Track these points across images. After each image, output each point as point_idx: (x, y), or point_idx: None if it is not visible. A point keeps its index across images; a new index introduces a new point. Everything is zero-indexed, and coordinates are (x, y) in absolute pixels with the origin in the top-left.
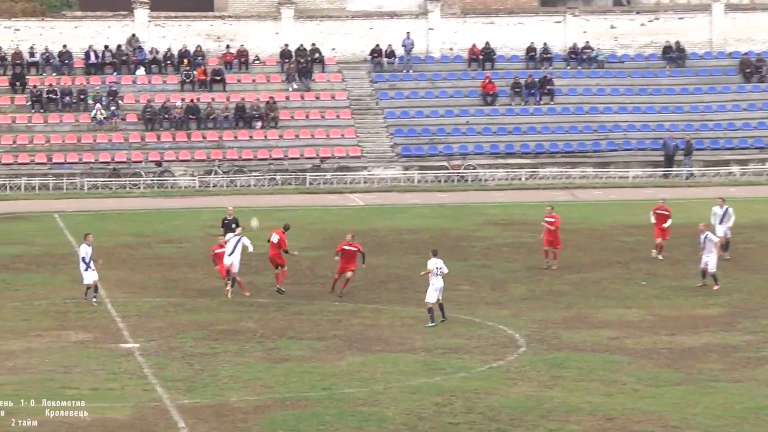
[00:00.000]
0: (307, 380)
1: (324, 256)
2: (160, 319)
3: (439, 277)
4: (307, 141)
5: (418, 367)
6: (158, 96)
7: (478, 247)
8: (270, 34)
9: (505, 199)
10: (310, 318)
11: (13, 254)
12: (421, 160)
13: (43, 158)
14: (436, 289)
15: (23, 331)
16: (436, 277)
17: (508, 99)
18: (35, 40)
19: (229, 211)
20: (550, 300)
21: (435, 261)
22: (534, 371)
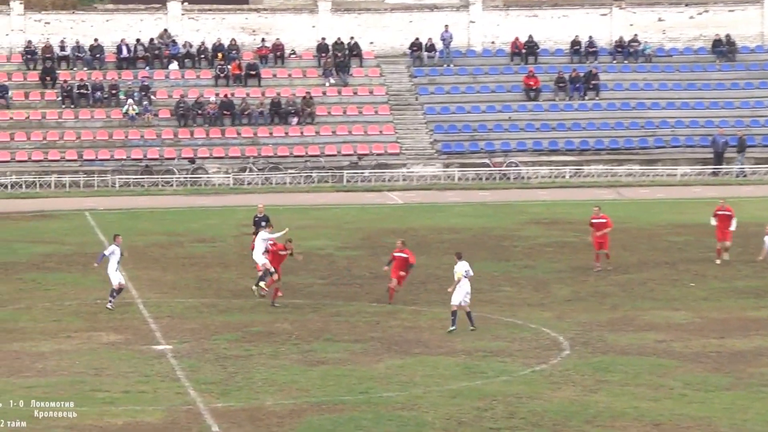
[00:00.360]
0: (344, 384)
1: (361, 256)
2: (193, 320)
3: (466, 280)
4: (344, 137)
5: (459, 371)
6: (191, 91)
7: (520, 246)
8: (306, 28)
9: (548, 198)
10: (347, 319)
11: (43, 253)
12: (461, 157)
13: (73, 155)
14: (465, 292)
15: (53, 332)
16: (465, 280)
17: (551, 94)
18: (66, 34)
19: (259, 208)
20: (595, 301)
21: (462, 264)
22: (578, 375)
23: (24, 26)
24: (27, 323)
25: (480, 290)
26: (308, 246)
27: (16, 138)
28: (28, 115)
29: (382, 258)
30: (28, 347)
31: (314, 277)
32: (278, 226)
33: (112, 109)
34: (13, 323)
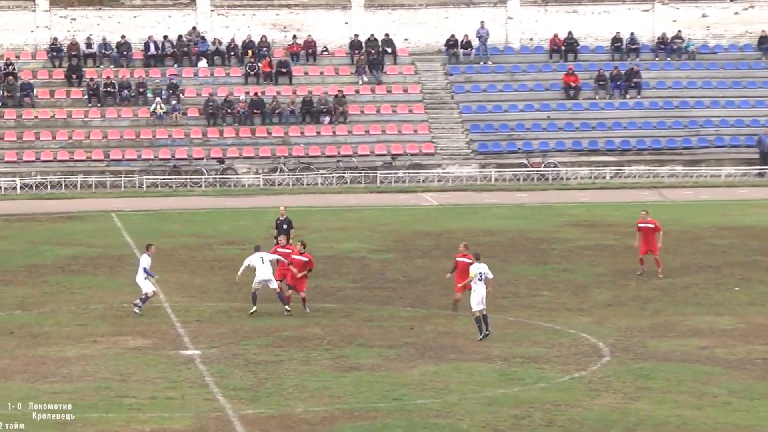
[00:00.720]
0: (377, 390)
1: (395, 259)
2: (222, 324)
3: (481, 284)
4: (377, 137)
5: (495, 377)
6: (221, 89)
7: (559, 249)
8: (339, 24)
9: (588, 199)
10: (380, 324)
11: (68, 255)
12: (498, 157)
13: (100, 155)
14: (481, 296)
15: (79, 336)
16: (479, 283)
17: (592, 92)
18: (92, 31)
19: (281, 211)
20: (636, 306)
21: (478, 266)
22: (619, 382)
23: (49, 23)
24: (52, 327)
25: (517, 294)
26: (340, 249)
27: (42, 137)
28: (53, 113)
29: (416, 261)
30: (53, 352)
31: (346, 281)
32: (309, 228)
33: (139, 107)
34: (37, 327)
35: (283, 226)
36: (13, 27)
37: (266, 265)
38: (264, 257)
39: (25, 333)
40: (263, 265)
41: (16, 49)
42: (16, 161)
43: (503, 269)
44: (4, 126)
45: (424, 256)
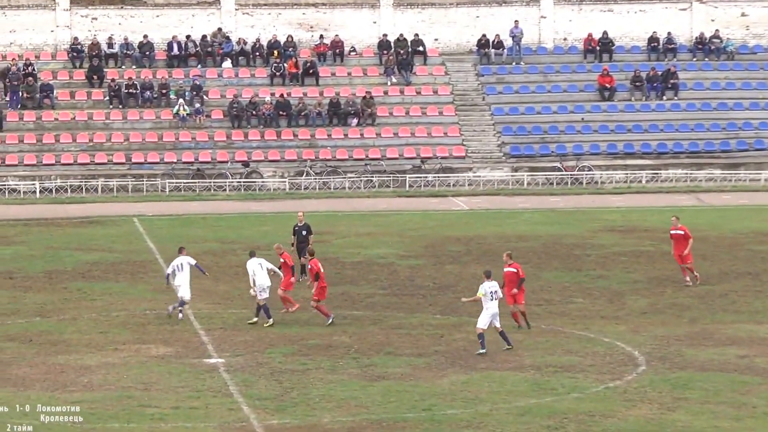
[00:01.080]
0: (406, 400)
1: (424, 265)
2: (246, 332)
3: (494, 302)
4: (406, 140)
5: (527, 387)
6: (246, 91)
7: (593, 255)
8: (367, 23)
9: (623, 204)
10: (409, 332)
11: (89, 261)
12: (531, 160)
13: (121, 158)
14: (492, 314)
15: (100, 344)
16: (492, 302)
17: (627, 94)
18: (114, 30)
19: (299, 217)
20: (673, 314)
21: (489, 284)
22: (655, 392)
23: (70, 22)
24: (72, 335)
25: (551, 302)
26: (368, 255)
27: (62, 140)
28: (73, 115)
29: (447, 267)
30: (73, 360)
31: (375, 288)
32: (336, 233)
33: (162, 109)
34: (57, 335)
35: (302, 232)
36: (32, 26)
37: (264, 272)
38: (262, 263)
39: (44, 340)
40: (262, 271)
41: (36, 49)
42: (36, 164)
43: (536, 276)
44: (23, 128)
45: (454, 262)
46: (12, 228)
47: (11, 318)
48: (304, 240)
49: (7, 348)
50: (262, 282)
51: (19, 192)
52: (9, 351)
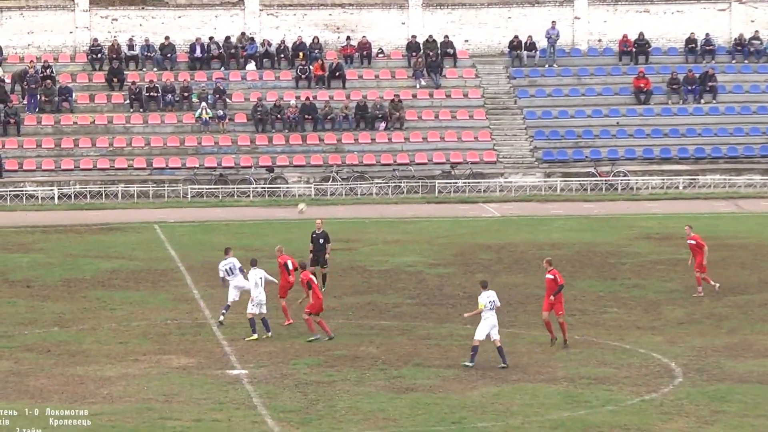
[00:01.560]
0: (435, 413)
1: (454, 273)
2: (271, 342)
3: (492, 312)
4: (436, 144)
5: (560, 400)
6: (270, 94)
7: (629, 264)
8: (395, 24)
9: (660, 210)
10: (438, 343)
11: (109, 269)
12: (564, 165)
13: (142, 163)
14: (490, 325)
15: (120, 355)
16: (490, 311)
17: (664, 97)
18: (134, 31)
19: (317, 224)
20: (711, 324)
21: (487, 294)
22: (692, 405)
23: (89, 23)
24: (91, 345)
25: (585, 312)
26: (396, 263)
27: (81, 144)
28: (93, 119)
29: (477, 276)
30: (92, 371)
31: (403, 297)
32: (362, 241)
33: (184, 113)
34: (76, 345)
35: (320, 240)
36: (51, 28)
37: (262, 288)
38: (264, 277)
39: (63, 351)
40: (260, 286)
41: (55, 51)
42: (54, 169)
43: (569, 285)
44: (41, 132)
45: (485, 270)
46: (30, 235)
47: (29, 328)
48: (321, 248)
49: (25, 359)
50: (260, 297)
51: (37, 198)
52: (27, 362)
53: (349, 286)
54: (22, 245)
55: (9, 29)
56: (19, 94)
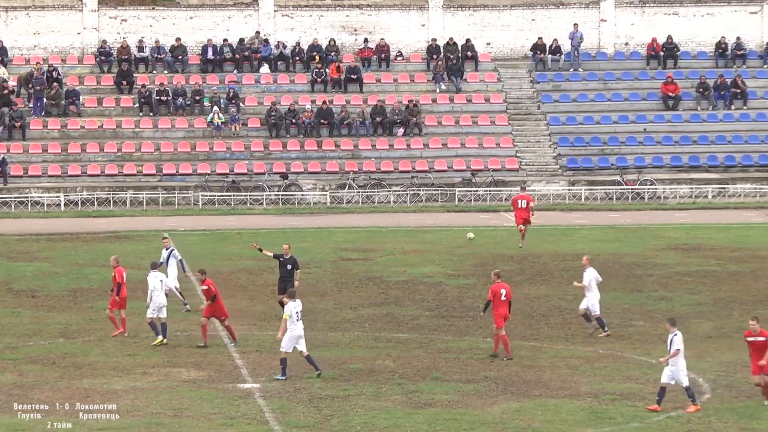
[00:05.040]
0: (454, 429)
1: (474, 284)
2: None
3: (299, 324)
4: (456, 151)
5: (584, 416)
6: (284, 98)
7: (655, 275)
8: (415, 26)
9: (688, 220)
10: (457, 357)
11: None
12: (589, 173)
13: (152, 169)
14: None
15: (128, 367)
16: (297, 323)
17: (693, 103)
18: (144, 33)
19: (285, 249)
20: (740, 339)
21: (294, 305)
22: (720, 422)
23: (98, 24)
24: (98, 357)
25: (610, 325)
26: (415, 273)
27: (88, 149)
28: (101, 123)
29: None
30: (99, 384)
31: (421, 309)
32: (379, 251)
33: (195, 117)
34: (82, 357)
35: (287, 266)
36: (58, 28)
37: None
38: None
39: (68, 363)
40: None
41: (62, 52)
42: (61, 175)
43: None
44: (47, 137)
45: (506, 282)
46: (35, 243)
47: (33, 339)
48: (289, 275)
49: (29, 371)
50: (159, 300)
51: (43, 205)
52: (31, 374)
53: (366, 297)
54: (27, 254)
55: (15, 30)
56: (25, 97)
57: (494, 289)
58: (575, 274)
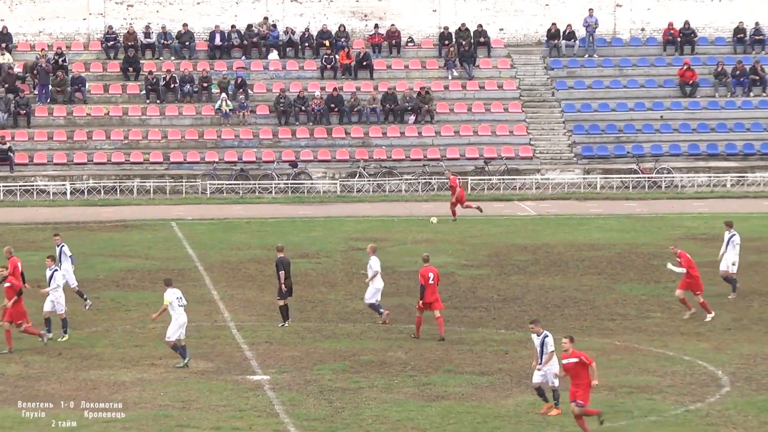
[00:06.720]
0: (467, 422)
1: (488, 275)
2: (294, 347)
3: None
4: (468, 139)
5: (600, 409)
6: (294, 84)
7: None
8: (426, 12)
9: (706, 210)
10: (471, 348)
11: (124, 269)
12: (605, 161)
13: (159, 157)
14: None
15: (135, 359)
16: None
17: (711, 90)
18: (151, 18)
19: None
20: (760, 330)
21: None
22: (740, 416)
23: (103, 9)
24: (105, 348)
25: (626, 316)
26: None
27: (94, 137)
28: (107, 111)
29: (512, 278)
30: (106, 376)
31: None
32: (390, 240)
33: (202, 104)
34: (89, 348)
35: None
36: (63, 14)
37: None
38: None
39: (75, 354)
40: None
41: (67, 38)
42: (66, 163)
43: (610, 288)
44: (53, 124)
45: (520, 272)
46: (40, 232)
47: (39, 330)
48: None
49: (35, 362)
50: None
51: (48, 193)
52: (37, 365)
53: None
54: (32, 243)
55: (19, 16)
56: (30, 84)
57: (422, 272)
58: (590, 264)
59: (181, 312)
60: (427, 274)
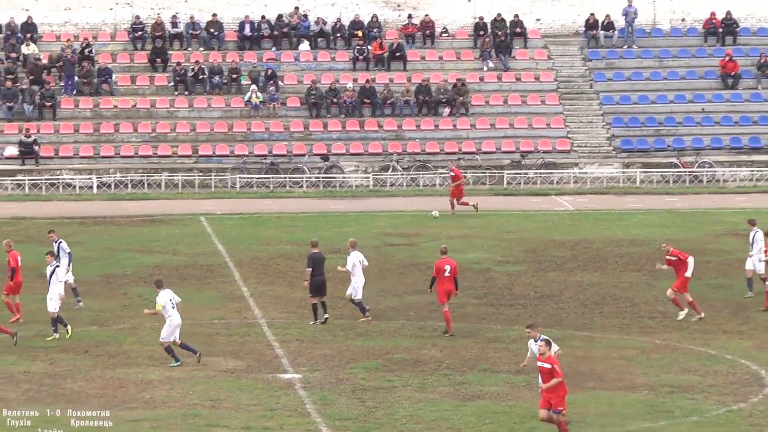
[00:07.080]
0: (503, 422)
1: (524, 271)
2: (326, 344)
3: (175, 312)
4: (504, 132)
5: (640, 409)
6: (325, 76)
7: (714, 262)
8: (461, 1)
9: (748, 204)
10: (507, 347)
11: (151, 264)
12: (644, 155)
13: (187, 150)
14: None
15: (163, 357)
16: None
17: (753, 81)
18: (179, 8)
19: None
20: None
21: (165, 293)
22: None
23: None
24: (133, 346)
25: (666, 314)
26: (462, 260)
27: (122, 130)
28: (134, 103)
29: (549, 274)
30: (133, 374)
31: (469, 297)
32: (424, 236)
33: (232, 96)
34: (116, 346)
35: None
36: (89, 4)
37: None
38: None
39: (101, 352)
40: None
41: (94, 29)
42: (93, 156)
43: (649, 285)
44: (79, 116)
45: (557, 268)
46: (66, 227)
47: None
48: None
49: (62, 360)
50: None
51: (75, 187)
52: (63, 363)
53: (411, 284)
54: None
55: (44, 5)
56: (56, 76)
57: (438, 265)
58: (630, 260)
59: (174, 313)
60: (443, 266)
